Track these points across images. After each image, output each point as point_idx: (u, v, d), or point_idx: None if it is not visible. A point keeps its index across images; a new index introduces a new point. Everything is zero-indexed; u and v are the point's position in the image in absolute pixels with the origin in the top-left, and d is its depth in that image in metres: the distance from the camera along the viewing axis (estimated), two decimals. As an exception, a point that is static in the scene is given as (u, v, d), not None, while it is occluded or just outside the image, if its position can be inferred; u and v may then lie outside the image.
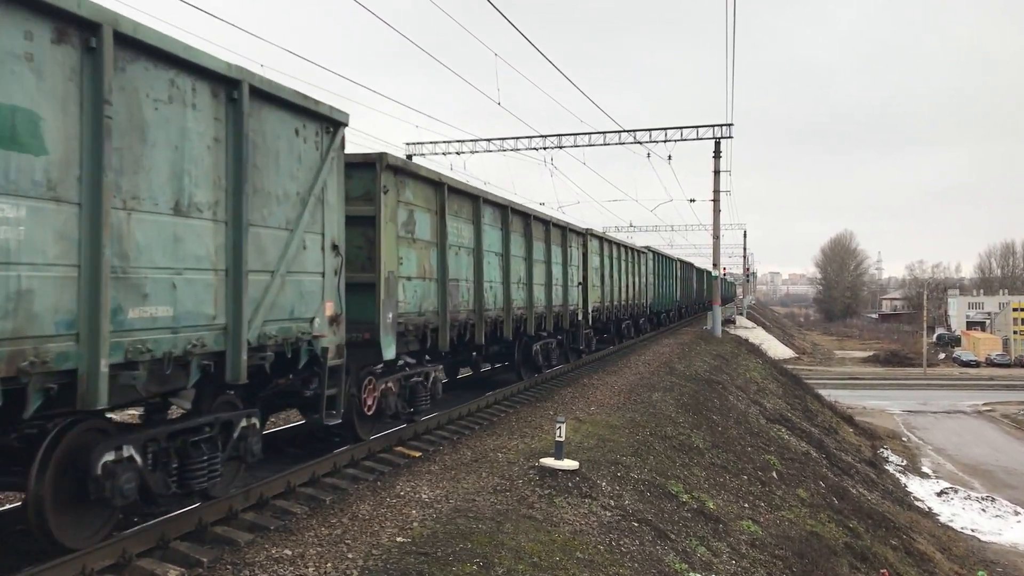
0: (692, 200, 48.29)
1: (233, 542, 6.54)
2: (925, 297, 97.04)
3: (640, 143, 38.82)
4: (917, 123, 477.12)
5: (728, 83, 76.94)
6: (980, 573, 19.90)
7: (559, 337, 19.31)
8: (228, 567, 6.03)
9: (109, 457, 5.87)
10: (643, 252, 32.61)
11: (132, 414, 8.85)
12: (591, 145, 39.53)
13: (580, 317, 20.44)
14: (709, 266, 50.05)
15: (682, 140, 38.57)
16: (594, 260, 22.98)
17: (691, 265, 55.72)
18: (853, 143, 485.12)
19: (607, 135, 39.14)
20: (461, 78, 20.43)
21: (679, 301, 47.11)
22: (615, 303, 26.23)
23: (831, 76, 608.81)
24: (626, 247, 28.99)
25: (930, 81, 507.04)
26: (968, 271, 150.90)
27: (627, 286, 28.49)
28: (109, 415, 6.33)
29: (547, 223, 17.14)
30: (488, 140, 41.99)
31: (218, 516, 6.97)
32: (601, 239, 24.65)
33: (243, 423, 7.45)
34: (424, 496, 8.14)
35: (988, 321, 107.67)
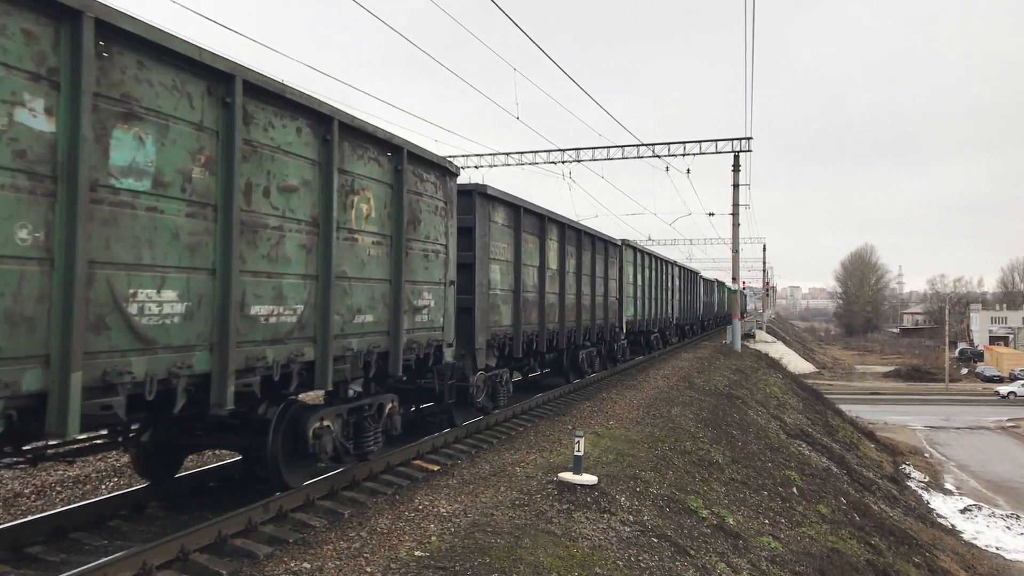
0: (711, 214, 48.19)
1: (252, 555, 6.55)
2: (947, 311, 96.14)
3: (658, 156, 38.84)
4: (938, 134, 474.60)
5: (747, 97, 76.73)
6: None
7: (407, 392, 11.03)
8: (247, 580, 6.03)
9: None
10: (610, 242, 21.46)
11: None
12: (609, 159, 39.60)
13: (446, 347, 10.60)
14: (729, 280, 49.75)
15: (701, 153, 38.58)
16: (496, 244, 13.09)
17: (695, 273, 45.64)
18: (873, 154, 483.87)
19: (625, 148, 39.21)
20: (480, 93, 20.55)
21: (679, 317, 36.70)
22: (556, 321, 16.27)
23: (848, 85, 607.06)
24: (561, 224, 16.86)
25: (950, 91, 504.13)
26: (991, 285, 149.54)
27: (579, 291, 18.11)
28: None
29: (328, 120, 7.70)
30: (507, 154, 42.15)
31: (237, 528, 6.99)
32: (505, 204, 13.62)
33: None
34: (442, 510, 8.13)
35: (1012, 336, 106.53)
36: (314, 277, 7.52)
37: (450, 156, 42.33)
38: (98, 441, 7.27)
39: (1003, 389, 72.02)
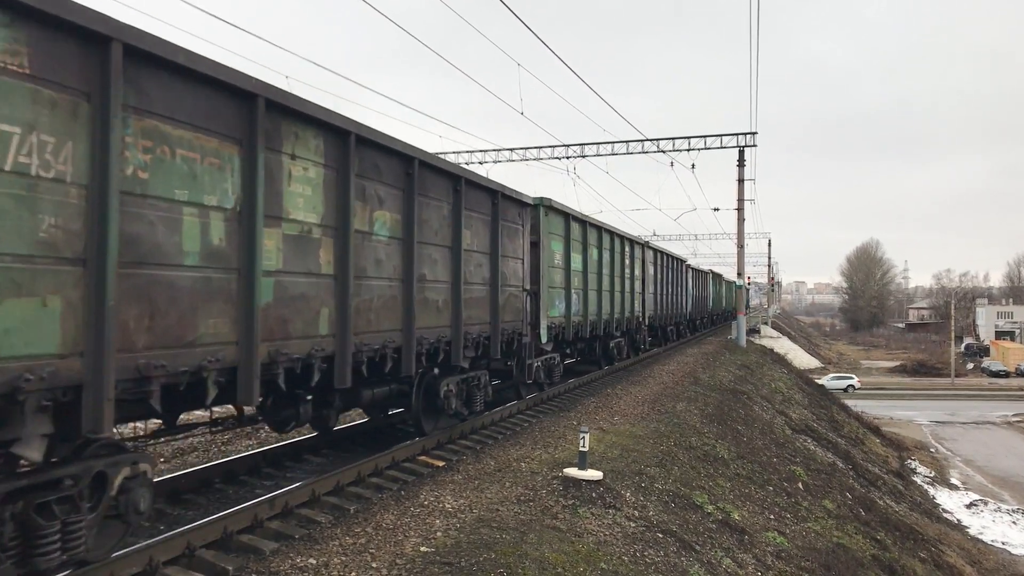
0: (716, 209, 48.06)
1: (258, 551, 6.57)
2: (952, 306, 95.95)
3: (663, 152, 38.79)
4: (943, 128, 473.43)
5: (752, 91, 76.69)
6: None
7: None
8: (253, 575, 6.06)
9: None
10: (511, 198, 12.48)
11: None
12: (614, 154, 39.54)
13: None
14: (734, 274, 49.63)
15: (705, 148, 38.54)
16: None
17: (681, 260, 34.91)
18: (878, 148, 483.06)
19: (630, 144, 39.15)
20: (485, 88, 20.52)
21: (654, 316, 28.05)
22: (335, 330, 7.63)
23: (852, 79, 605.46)
24: (342, 131, 7.55)
25: (955, 84, 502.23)
26: (997, 280, 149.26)
27: (410, 274, 9.12)
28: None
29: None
30: (511, 150, 42.07)
31: (243, 525, 7.01)
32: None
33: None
34: (448, 506, 8.14)
35: (1018, 331, 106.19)
36: None
37: (454, 152, 41.78)
38: None
39: (842, 384, 72.11)
